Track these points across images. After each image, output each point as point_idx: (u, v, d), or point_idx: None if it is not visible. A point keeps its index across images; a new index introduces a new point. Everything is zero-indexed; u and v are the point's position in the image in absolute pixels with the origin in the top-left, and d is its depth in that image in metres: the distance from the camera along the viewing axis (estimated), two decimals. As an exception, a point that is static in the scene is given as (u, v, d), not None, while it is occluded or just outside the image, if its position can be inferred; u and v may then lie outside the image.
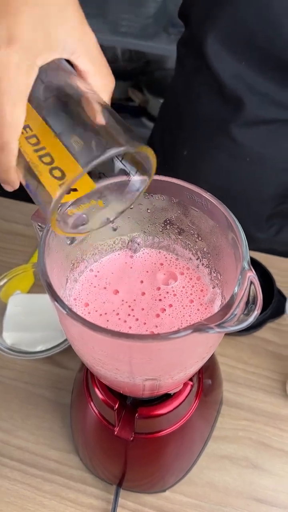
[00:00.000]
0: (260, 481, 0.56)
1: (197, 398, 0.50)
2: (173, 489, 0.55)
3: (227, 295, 0.35)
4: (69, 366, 0.65)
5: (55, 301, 0.29)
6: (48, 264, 0.31)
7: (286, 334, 0.68)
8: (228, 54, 0.63)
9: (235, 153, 0.71)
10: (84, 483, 0.55)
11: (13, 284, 0.70)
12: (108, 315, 0.37)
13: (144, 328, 0.36)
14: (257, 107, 0.66)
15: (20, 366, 0.64)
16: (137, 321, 0.36)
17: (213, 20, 0.61)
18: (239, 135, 0.69)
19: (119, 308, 0.38)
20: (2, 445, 0.58)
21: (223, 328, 0.27)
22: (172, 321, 0.36)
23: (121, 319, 0.37)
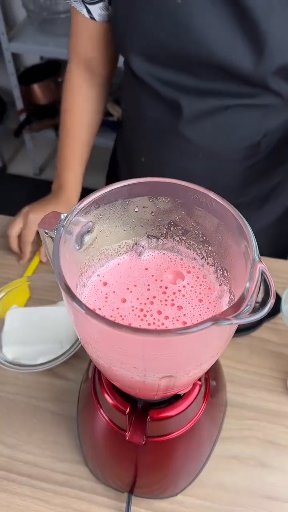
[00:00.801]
0: (270, 478, 0.56)
1: (205, 399, 0.50)
2: (184, 492, 0.55)
3: (235, 291, 0.36)
4: (70, 377, 0.64)
5: (73, 301, 0.29)
6: (63, 268, 0.32)
7: (283, 332, 0.69)
8: (152, 66, 0.68)
9: (186, 151, 0.74)
10: (95, 493, 0.55)
11: (9, 298, 0.69)
12: (119, 320, 0.37)
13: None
14: (194, 104, 0.69)
15: (22, 381, 0.64)
16: (149, 326, 0.37)
17: (132, 41, 0.66)
18: (188, 132, 0.72)
19: (130, 313, 0.38)
20: (9, 461, 0.57)
21: (241, 319, 0.28)
22: (184, 323, 0.37)
23: (134, 324, 0.37)
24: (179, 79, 0.67)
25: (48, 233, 0.38)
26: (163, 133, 0.75)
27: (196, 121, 0.71)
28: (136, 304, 0.39)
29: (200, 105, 0.69)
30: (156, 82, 0.70)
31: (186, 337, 0.28)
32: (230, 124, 0.71)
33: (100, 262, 0.41)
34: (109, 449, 0.51)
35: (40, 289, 0.73)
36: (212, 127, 0.71)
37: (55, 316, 0.68)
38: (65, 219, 0.36)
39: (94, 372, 0.51)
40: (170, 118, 0.72)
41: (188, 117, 0.70)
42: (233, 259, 0.36)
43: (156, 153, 0.78)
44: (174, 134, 0.74)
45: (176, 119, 0.71)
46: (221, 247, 0.38)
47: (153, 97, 0.72)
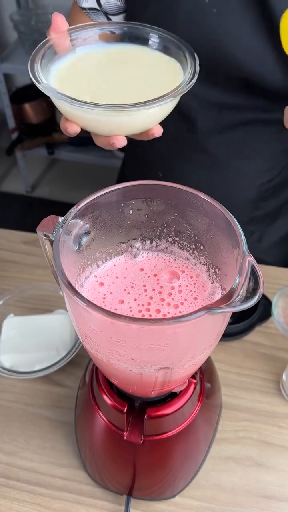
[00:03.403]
0: (266, 478, 0.57)
1: (200, 399, 0.52)
2: (182, 494, 0.55)
3: (227, 287, 0.38)
4: (67, 384, 0.65)
5: (75, 296, 0.31)
6: (63, 266, 0.33)
7: (274, 336, 0.71)
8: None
9: (207, 165, 0.75)
10: (94, 497, 0.55)
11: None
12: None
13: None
14: (213, 117, 0.70)
15: (19, 388, 0.64)
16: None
17: None
18: (208, 147, 0.73)
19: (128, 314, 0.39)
20: (8, 467, 0.57)
21: (233, 307, 0.30)
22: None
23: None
24: (200, 91, 0.67)
25: (47, 236, 0.39)
26: (182, 148, 0.75)
27: (215, 135, 0.71)
28: (134, 305, 0.40)
29: (220, 118, 0.69)
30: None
31: (181, 326, 0.30)
32: (249, 139, 0.72)
33: (97, 263, 0.43)
34: (108, 451, 0.52)
35: (36, 299, 0.74)
36: (232, 141, 0.72)
37: (51, 324, 0.69)
38: (63, 221, 0.38)
39: (91, 376, 0.52)
40: (189, 131, 0.72)
41: (206, 131, 0.71)
42: (224, 256, 0.38)
43: (175, 168, 0.78)
44: (193, 148, 0.74)
45: (194, 132, 0.72)
46: (212, 245, 0.40)
47: (172, 111, 0.72)
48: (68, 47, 0.47)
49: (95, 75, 0.46)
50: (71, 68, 0.47)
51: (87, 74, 0.46)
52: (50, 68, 0.46)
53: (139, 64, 0.48)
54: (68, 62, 0.47)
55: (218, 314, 0.30)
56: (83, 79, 0.46)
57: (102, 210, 0.40)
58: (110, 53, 0.49)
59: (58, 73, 0.46)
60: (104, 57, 0.48)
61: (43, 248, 0.41)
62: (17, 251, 0.84)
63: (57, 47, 0.46)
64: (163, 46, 0.49)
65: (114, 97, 0.43)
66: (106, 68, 0.47)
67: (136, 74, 0.47)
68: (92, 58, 0.48)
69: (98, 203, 0.39)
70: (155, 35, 0.49)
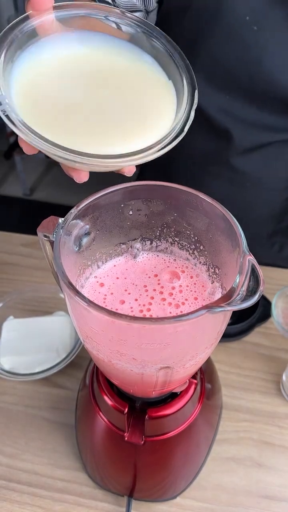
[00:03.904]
0: (267, 478, 0.57)
1: (201, 400, 0.52)
2: (183, 495, 0.55)
3: (227, 286, 0.38)
4: (67, 386, 0.65)
5: (76, 296, 0.31)
6: (64, 266, 0.33)
7: (274, 336, 0.71)
8: (211, 90, 0.66)
9: (235, 181, 0.74)
10: (95, 499, 0.55)
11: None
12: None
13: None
14: (247, 135, 0.69)
15: (20, 391, 0.64)
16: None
17: (195, 58, 0.64)
18: (238, 164, 0.72)
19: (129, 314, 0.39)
20: (9, 469, 0.57)
21: (233, 306, 0.30)
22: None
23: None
24: (236, 107, 0.66)
25: (47, 237, 0.39)
26: (211, 163, 0.74)
27: (247, 153, 0.71)
28: (135, 305, 0.40)
29: (254, 137, 0.69)
30: (211, 106, 0.68)
31: (182, 325, 0.30)
32: (279, 156, 0.71)
33: (97, 264, 0.43)
34: (109, 452, 0.52)
35: (35, 301, 0.74)
36: (262, 159, 0.71)
37: (51, 325, 0.69)
38: (63, 222, 0.38)
39: (92, 377, 0.52)
40: (220, 148, 0.71)
41: (239, 148, 0.70)
42: (224, 256, 0.39)
43: (200, 181, 0.77)
44: (223, 164, 0.73)
45: (226, 149, 0.71)
46: (212, 245, 0.40)
47: (203, 125, 0.70)
48: (50, 30, 0.36)
49: (73, 93, 0.35)
50: (44, 71, 0.35)
51: (63, 88, 0.35)
52: (18, 60, 0.34)
53: (128, 82, 0.37)
54: (43, 59, 0.35)
55: (219, 313, 0.30)
56: (57, 96, 0.34)
57: (102, 211, 0.40)
58: (97, 60, 0.37)
59: (26, 74, 0.34)
60: (87, 64, 0.37)
61: (44, 249, 0.41)
62: (16, 253, 0.84)
63: (37, 30, 0.35)
64: (164, 62, 0.38)
65: (91, 131, 0.34)
66: (88, 83, 0.36)
67: (121, 97, 0.36)
68: (73, 61, 0.36)
69: (98, 204, 0.40)
70: (159, 43, 0.38)
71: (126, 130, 0.34)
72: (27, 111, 0.33)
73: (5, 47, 0.33)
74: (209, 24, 0.60)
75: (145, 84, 0.37)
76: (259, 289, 0.31)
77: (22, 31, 0.34)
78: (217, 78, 0.65)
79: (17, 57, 0.34)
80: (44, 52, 0.35)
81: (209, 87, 0.66)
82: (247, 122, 0.68)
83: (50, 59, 0.35)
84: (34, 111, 0.33)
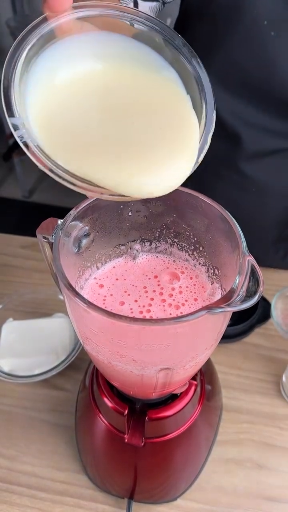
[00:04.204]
0: (267, 480, 0.57)
1: (201, 401, 0.52)
2: (183, 496, 0.55)
3: (227, 287, 0.38)
4: (66, 388, 0.65)
5: (75, 297, 0.31)
6: (63, 267, 0.33)
7: (274, 337, 0.71)
8: (225, 92, 0.66)
9: (242, 185, 0.73)
10: (95, 501, 0.55)
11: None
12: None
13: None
14: (257, 141, 0.69)
15: (19, 393, 0.64)
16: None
17: (209, 60, 0.63)
18: (247, 168, 0.72)
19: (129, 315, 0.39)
20: (9, 472, 0.57)
21: (233, 307, 0.30)
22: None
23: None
24: (248, 112, 0.66)
25: (47, 239, 0.39)
26: (219, 165, 0.74)
27: (256, 159, 0.71)
28: (135, 306, 0.40)
29: (265, 143, 0.69)
30: (223, 109, 0.67)
31: (182, 326, 0.30)
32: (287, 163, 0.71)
33: (96, 265, 0.43)
34: (109, 454, 0.52)
35: (34, 303, 0.74)
36: (270, 165, 0.71)
37: (50, 327, 0.69)
38: (62, 223, 0.38)
39: (91, 379, 0.52)
40: (230, 152, 0.71)
41: (248, 154, 0.70)
42: (223, 257, 0.38)
43: (207, 183, 0.75)
44: (231, 169, 0.73)
45: (235, 153, 0.71)
46: (212, 246, 0.40)
47: (215, 127, 0.70)
48: (68, 32, 0.33)
49: (90, 117, 0.33)
50: (59, 91, 0.33)
51: (80, 111, 0.33)
52: (33, 70, 0.32)
53: (148, 101, 0.35)
54: (59, 77, 0.33)
55: (219, 313, 0.30)
56: (75, 120, 0.32)
57: (102, 212, 0.40)
58: (115, 76, 0.35)
59: (41, 94, 0.32)
60: (104, 81, 0.34)
61: (43, 250, 0.41)
62: (15, 255, 0.84)
63: (55, 31, 0.33)
64: (183, 74, 0.35)
65: (119, 166, 0.32)
66: (105, 105, 0.33)
67: (142, 121, 0.34)
68: (89, 78, 0.34)
69: (97, 205, 0.39)
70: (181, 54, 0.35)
71: (156, 163, 0.32)
72: (45, 137, 0.31)
73: (21, 55, 0.31)
74: (228, 27, 0.60)
75: (166, 104, 0.35)
76: (258, 290, 0.31)
77: (38, 36, 0.32)
78: (232, 81, 0.65)
79: (32, 66, 0.32)
80: (60, 65, 0.33)
81: (223, 90, 0.66)
82: (259, 127, 0.67)
83: (65, 77, 0.33)
84: (51, 138, 0.31)
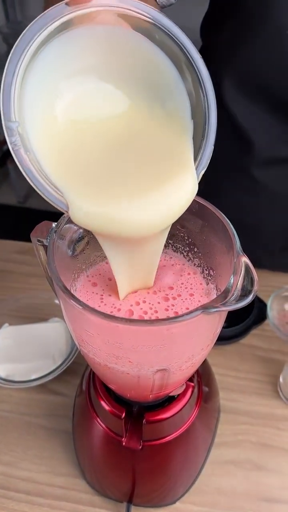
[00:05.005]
0: (266, 481, 0.57)
1: (198, 403, 0.52)
2: (182, 499, 0.55)
3: (222, 287, 0.38)
4: (63, 392, 0.65)
5: (71, 300, 0.31)
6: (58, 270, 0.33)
7: (270, 338, 0.71)
8: (243, 97, 0.66)
9: (252, 190, 0.74)
10: (93, 506, 0.54)
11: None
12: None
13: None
14: (271, 148, 0.69)
15: (16, 398, 0.64)
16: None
17: (229, 65, 0.64)
18: (258, 174, 0.72)
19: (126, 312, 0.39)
20: (6, 478, 0.56)
21: (228, 306, 0.30)
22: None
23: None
24: (265, 119, 0.66)
25: (41, 242, 0.39)
26: (229, 169, 0.74)
27: (268, 165, 0.71)
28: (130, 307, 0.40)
29: (278, 151, 0.69)
30: (240, 113, 0.68)
31: (178, 326, 0.30)
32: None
33: (91, 268, 0.43)
34: (107, 458, 0.51)
35: (30, 307, 0.74)
36: (282, 173, 0.71)
37: (47, 332, 0.69)
38: (56, 226, 0.38)
39: (88, 383, 0.52)
40: (242, 156, 0.71)
41: (260, 160, 0.70)
42: (218, 258, 0.39)
43: (214, 184, 0.74)
44: (242, 173, 0.73)
45: (248, 158, 0.71)
46: (206, 247, 0.40)
47: (229, 130, 0.69)
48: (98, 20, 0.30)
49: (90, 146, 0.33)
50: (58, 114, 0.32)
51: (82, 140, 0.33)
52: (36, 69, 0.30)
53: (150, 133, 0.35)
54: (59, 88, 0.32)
55: (214, 313, 0.30)
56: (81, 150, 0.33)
57: (96, 215, 0.40)
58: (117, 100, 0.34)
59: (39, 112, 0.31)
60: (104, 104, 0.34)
61: (37, 254, 0.41)
62: (10, 260, 0.83)
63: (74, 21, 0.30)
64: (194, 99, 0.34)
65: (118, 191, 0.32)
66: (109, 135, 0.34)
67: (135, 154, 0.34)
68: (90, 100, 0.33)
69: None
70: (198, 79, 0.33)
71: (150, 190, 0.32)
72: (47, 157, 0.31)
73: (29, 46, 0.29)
74: (252, 31, 0.60)
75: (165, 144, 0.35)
76: (253, 289, 0.31)
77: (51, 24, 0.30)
78: (250, 87, 0.65)
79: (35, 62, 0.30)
80: (61, 77, 0.32)
81: (241, 94, 0.66)
82: (273, 134, 0.68)
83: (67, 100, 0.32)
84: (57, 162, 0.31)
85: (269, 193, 0.74)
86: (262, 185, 0.73)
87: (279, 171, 0.71)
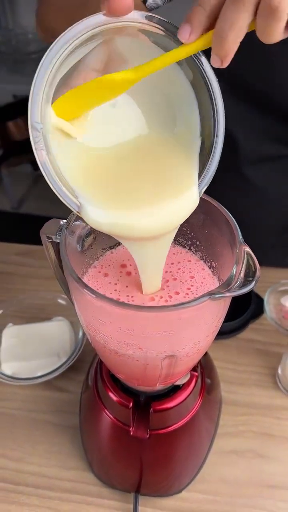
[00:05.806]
0: (268, 468, 0.59)
1: (201, 393, 0.53)
2: (188, 489, 0.57)
3: (224, 278, 0.40)
4: (68, 389, 0.66)
5: (84, 289, 0.33)
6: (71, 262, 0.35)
7: (267, 332, 0.73)
8: (227, 98, 0.68)
9: (243, 189, 0.75)
10: (102, 497, 0.56)
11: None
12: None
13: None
14: (255, 146, 0.71)
15: (22, 396, 0.65)
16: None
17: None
18: (248, 173, 0.74)
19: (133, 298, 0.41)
20: (16, 473, 0.58)
21: (233, 292, 0.32)
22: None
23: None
24: (249, 117, 0.67)
25: (50, 238, 0.41)
26: (220, 169, 0.75)
27: (257, 164, 0.72)
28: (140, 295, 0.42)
29: (265, 149, 0.71)
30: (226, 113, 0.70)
31: (186, 311, 0.32)
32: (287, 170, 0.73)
33: (98, 261, 0.45)
34: (115, 449, 0.53)
35: (33, 308, 0.75)
36: (271, 171, 0.73)
37: (51, 330, 0.70)
38: (67, 223, 0.40)
39: (95, 375, 0.54)
40: (231, 155, 0.72)
41: (248, 158, 0.71)
42: (220, 249, 0.41)
43: (208, 186, 0.77)
44: (231, 171, 0.74)
45: (236, 157, 0.72)
46: (208, 240, 0.42)
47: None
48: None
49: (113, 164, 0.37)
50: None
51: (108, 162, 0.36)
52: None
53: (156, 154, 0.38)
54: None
55: (219, 299, 0.32)
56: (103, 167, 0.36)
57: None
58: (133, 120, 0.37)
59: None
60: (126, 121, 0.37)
61: (46, 251, 0.43)
62: (11, 262, 0.85)
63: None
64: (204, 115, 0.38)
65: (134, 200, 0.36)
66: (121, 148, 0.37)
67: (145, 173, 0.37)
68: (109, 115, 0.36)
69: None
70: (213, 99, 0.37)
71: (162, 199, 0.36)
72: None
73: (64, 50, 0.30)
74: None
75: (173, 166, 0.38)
76: (256, 276, 0.33)
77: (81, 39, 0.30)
78: (235, 89, 0.66)
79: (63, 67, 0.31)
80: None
81: (226, 94, 0.68)
82: (257, 132, 0.69)
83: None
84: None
85: (259, 191, 0.76)
86: (252, 183, 0.75)
87: (268, 169, 0.73)
